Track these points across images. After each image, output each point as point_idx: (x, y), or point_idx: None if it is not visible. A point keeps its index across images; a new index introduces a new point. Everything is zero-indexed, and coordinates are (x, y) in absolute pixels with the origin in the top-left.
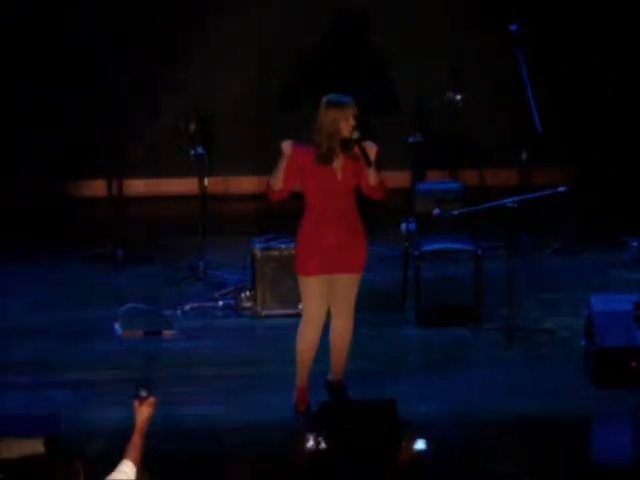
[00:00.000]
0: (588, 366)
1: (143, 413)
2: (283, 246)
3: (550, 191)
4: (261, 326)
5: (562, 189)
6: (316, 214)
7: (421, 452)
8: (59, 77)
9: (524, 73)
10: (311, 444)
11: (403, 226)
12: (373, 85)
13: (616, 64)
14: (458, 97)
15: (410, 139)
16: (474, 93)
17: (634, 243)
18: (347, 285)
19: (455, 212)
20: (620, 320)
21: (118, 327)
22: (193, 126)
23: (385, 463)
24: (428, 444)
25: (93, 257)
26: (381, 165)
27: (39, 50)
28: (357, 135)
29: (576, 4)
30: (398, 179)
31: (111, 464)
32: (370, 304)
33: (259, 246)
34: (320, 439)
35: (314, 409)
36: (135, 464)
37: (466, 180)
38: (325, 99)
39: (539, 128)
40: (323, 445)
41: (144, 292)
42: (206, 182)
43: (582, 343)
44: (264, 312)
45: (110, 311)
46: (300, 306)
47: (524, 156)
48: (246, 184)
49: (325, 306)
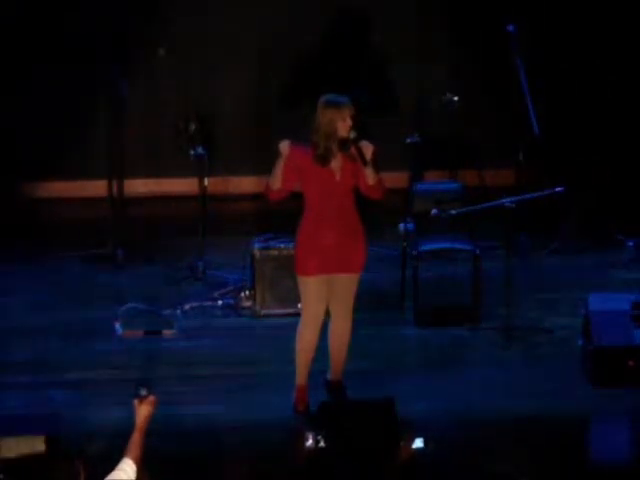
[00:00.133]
0: (585, 365)
1: (143, 412)
2: (282, 246)
3: (548, 191)
4: (260, 326)
5: (560, 189)
6: (315, 214)
7: (420, 451)
8: (59, 77)
9: (522, 74)
10: (310, 443)
11: (401, 226)
12: (373, 85)
13: (616, 64)
14: (456, 98)
15: (408, 139)
16: (473, 93)
17: (630, 243)
18: (346, 285)
19: (453, 212)
20: (617, 319)
21: (118, 327)
22: (193, 126)
23: (384, 462)
24: (427, 443)
25: (93, 257)
26: (379, 165)
27: (39, 50)
28: (354, 135)
29: (575, 4)
30: (396, 179)
31: (111, 464)
32: (369, 304)
33: (258, 246)
34: (319, 438)
35: (313, 408)
36: (135, 463)
37: (465, 180)
38: (322, 99)
39: (536, 129)
40: (322, 444)
41: (144, 292)
42: (206, 182)
43: (579, 342)
44: (263, 312)
45: (110, 311)
46: (299, 306)
47: (521, 156)
48: (246, 184)
49: (324, 306)
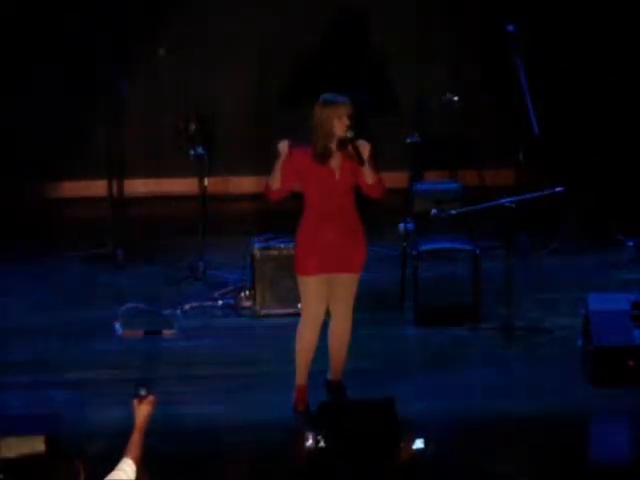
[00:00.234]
0: (585, 365)
1: (142, 412)
2: (282, 246)
3: (548, 191)
4: (260, 326)
5: (560, 189)
6: (315, 214)
7: (420, 452)
8: (59, 77)
9: (521, 74)
10: (310, 443)
11: (401, 226)
12: (373, 85)
13: (616, 64)
14: (456, 98)
15: (408, 139)
16: (473, 93)
17: (630, 243)
18: (346, 285)
19: (453, 212)
20: (617, 319)
21: (118, 327)
22: (193, 126)
23: (384, 462)
24: (427, 444)
25: (93, 257)
26: (379, 165)
27: (39, 50)
28: (351, 134)
29: (575, 4)
30: (396, 179)
31: (111, 464)
32: (369, 304)
33: (258, 246)
34: (319, 438)
35: (313, 408)
36: (135, 462)
37: (465, 180)
38: (320, 98)
39: (536, 129)
40: (322, 444)
41: (144, 292)
42: (206, 182)
43: (579, 342)
44: (263, 312)
45: (110, 311)
46: (299, 306)
47: (521, 156)
48: (246, 184)
49: (324, 306)
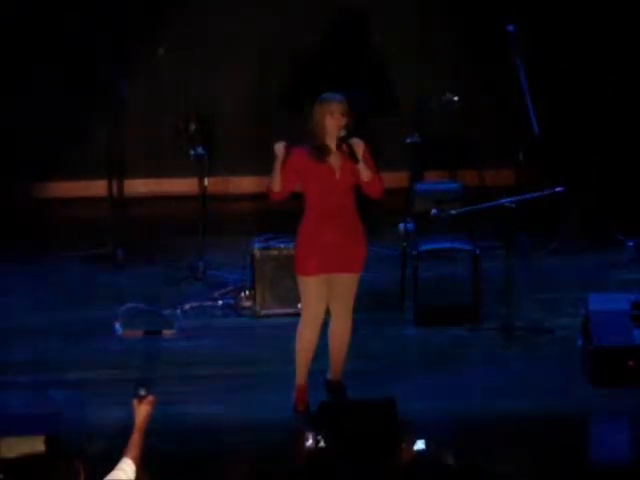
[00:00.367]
0: (585, 365)
1: (142, 412)
2: (282, 246)
3: (548, 191)
4: (260, 325)
5: (560, 189)
6: (315, 213)
7: (421, 452)
8: (59, 77)
9: (521, 74)
10: (310, 443)
11: (401, 226)
12: (373, 85)
13: (616, 64)
14: (456, 98)
15: (408, 139)
16: (473, 93)
17: (630, 243)
18: (346, 285)
19: (453, 212)
20: (617, 319)
21: (118, 327)
22: (193, 126)
23: (384, 462)
24: (428, 445)
25: (93, 257)
26: (379, 165)
27: (39, 50)
28: (343, 133)
29: (575, 4)
30: (396, 179)
31: (111, 464)
32: (369, 304)
33: (258, 246)
34: (319, 438)
35: (313, 408)
36: (135, 462)
37: (465, 180)
38: (318, 97)
39: (536, 129)
40: (322, 444)
41: (144, 292)
42: (206, 182)
43: (579, 342)
44: (263, 312)
45: (110, 311)
46: (299, 306)
47: (521, 156)
48: (246, 184)
49: (324, 306)
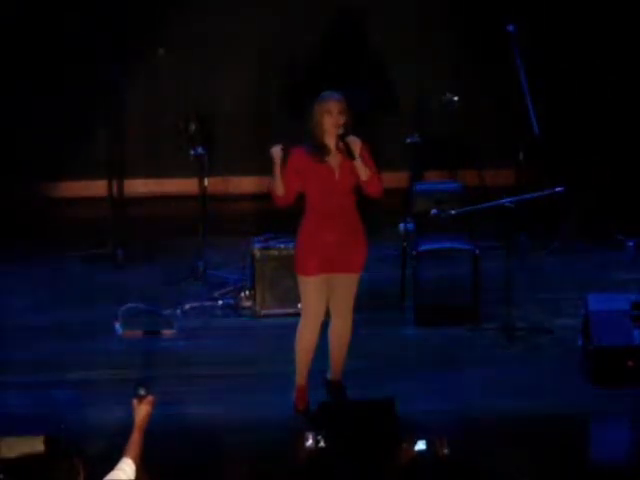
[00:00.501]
0: (585, 365)
1: (142, 411)
2: (282, 246)
3: (548, 191)
4: (260, 325)
5: (560, 189)
6: (316, 213)
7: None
8: (59, 77)
9: (522, 74)
10: (310, 443)
11: (401, 226)
12: (373, 85)
13: (616, 64)
14: (456, 98)
15: (408, 139)
16: (473, 93)
17: (630, 243)
18: (346, 285)
19: (453, 212)
20: (617, 319)
21: (118, 327)
22: (193, 126)
23: (384, 462)
24: (429, 445)
25: (93, 257)
26: (379, 165)
27: (39, 50)
28: (341, 131)
29: (575, 4)
30: (396, 179)
31: (111, 463)
32: (369, 303)
33: (258, 246)
34: (319, 438)
35: (313, 408)
36: (134, 462)
37: (465, 180)
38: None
39: (536, 129)
40: (322, 444)
41: (144, 292)
42: (206, 182)
43: (579, 342)
44: (263, 311)
45: (110, 311)
46: (299, 306)
47: (521, 156)
48: (246, 184)
49: (324, 305)
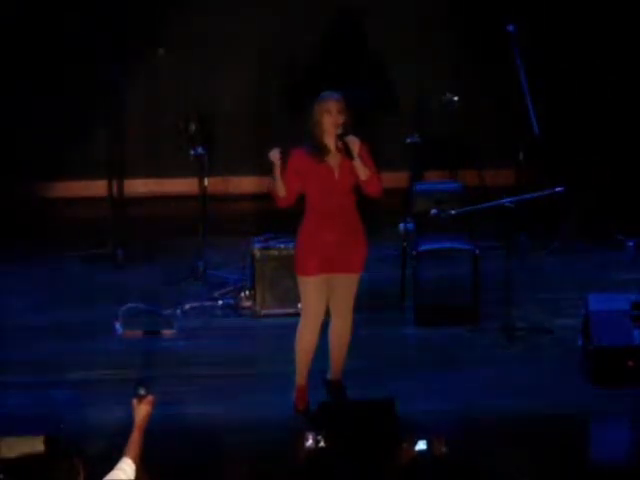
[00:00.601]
0: (585, 365)
1: (142, 411)
2: (282, 246)
3: (548, 191)
4: (260, 325)
5: (560, 189)
6: (316, 214)
7: (422, 452)
8: (59, 77)
9: (522, 74)
10: (310, 443)
11: (401, 226)
12: (373, 85)
13: (616, 64)
14: (456, 98)
15: (408, 139)
16: (473, 93)
17: (630, 243)
18: (346, 285)
19: (453, 212)
20: (617, 319)
21: (118, 327)
22: (193, 126)
23: (384, 462)
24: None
25: (93, 257)
26: (379, 165)
27: (39, 50)
28: (340, 131)
29: (575, 4)
30: (396, 179)
31: (111, 463)
32: (369, 303)
33: (258, 246)
34: (319, 438)
35: (313, 408)
36: (134, 462)
37: (465, 180)
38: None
39: (536, 129)
40: (322, 444)
41: (144, 292)
42: (206, 182)
43: (579, 342)
44: (263, 311)
45: (110, 311)
46: (299, 306)
47: (521, 156)
48: (246, 184)
49: (324, 305)
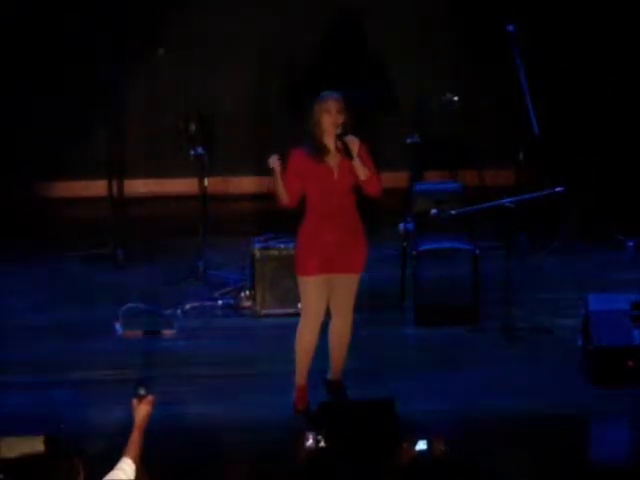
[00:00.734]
0: (585, 365)
1: (142, 411)
2: (282, 246)
3: (548, 191)
4: (260, 325)
5: (560, 189)
6: (316, 214)
7: (422, 452)
8: (59, 77)
9: (522, 74)
10: (310, 443)
11: (401, 226)
12: (373, 85)
13: (616, 64)
14: (456, 98)
15: (408, 139)
16: (473, 93)
17: (630, 243)
18: (346, 285)
19: (453, 212)
20: (617, 319)
21: (118, 327)
22: (193, 126)
23: (384, 462)
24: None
25: (93, 257)
26: (379, 165)
27: (39, 50)
28: (339, 130)
29: (575, 4)
30: (396, 179)
31: (111, 463)
32: (369, 303)
33: (258, 246)
34: (319, 438)
35: (313, 408)
36: (134, 462)
37: (465, 180)
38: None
39: (536, 129)
40: (322, 444)
41: (144, 292)
42: (206, 182)
43: (579, 342)
44: (263, 311)
45: (110, 311)
46: (299, 306)
47: (521, 156)
48: (246, 184)
49: (324, 306)
